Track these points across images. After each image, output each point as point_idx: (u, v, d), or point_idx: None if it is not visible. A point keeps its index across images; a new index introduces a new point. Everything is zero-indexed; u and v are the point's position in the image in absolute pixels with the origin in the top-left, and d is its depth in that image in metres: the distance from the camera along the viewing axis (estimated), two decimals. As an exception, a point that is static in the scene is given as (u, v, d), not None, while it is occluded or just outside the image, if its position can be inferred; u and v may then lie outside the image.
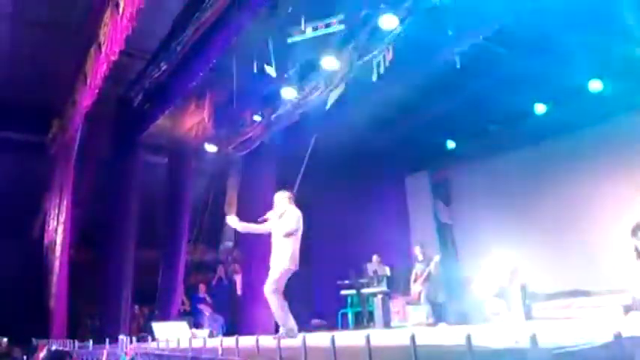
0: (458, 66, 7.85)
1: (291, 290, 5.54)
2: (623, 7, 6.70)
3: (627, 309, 6.76)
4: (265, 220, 5.59)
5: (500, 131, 10.21)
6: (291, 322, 5.19)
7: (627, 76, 8.06)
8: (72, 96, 9.56)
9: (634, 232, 6.49)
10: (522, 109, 9.59)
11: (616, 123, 8.58)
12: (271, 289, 5.27)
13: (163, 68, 8.90)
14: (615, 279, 7.82)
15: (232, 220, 5.72)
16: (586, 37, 7.18)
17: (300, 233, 5.53)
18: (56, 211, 10.06)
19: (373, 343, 2.40)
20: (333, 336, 2.61)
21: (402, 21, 6.96)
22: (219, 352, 3.43)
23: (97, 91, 8.15)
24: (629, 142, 8.43)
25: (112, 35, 7.06)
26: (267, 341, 3.71)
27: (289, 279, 5.47)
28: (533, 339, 1.89)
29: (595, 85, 8.65)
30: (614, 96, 8.42)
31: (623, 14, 6.78)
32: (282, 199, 5.62)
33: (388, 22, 6.99)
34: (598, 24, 6.97)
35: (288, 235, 5.38)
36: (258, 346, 3.15)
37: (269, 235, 5.65)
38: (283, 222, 5.47)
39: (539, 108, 9.46)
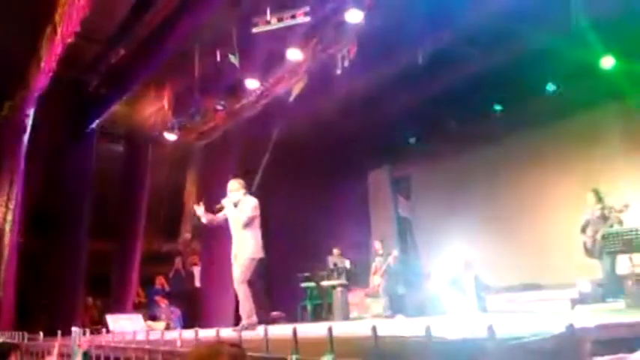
0: (420, 62, 7.98)
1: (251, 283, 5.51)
2: (578, 13, 6.95)
3: (574, 303, 7.06)
4: (221, 209, 5.54)
5: (459, 129, 10.45)
6: (254, 316, 5.18)
7: (581, 79, 8.40)
8: (24, 78, 9.13)
9: (583, 230, 6.78)
10: (481, 107, 9.83)
11: (569, 123, 8.93)
12: (240, 280, 5.26)
13: (122, 53, 8.62)
14: (564, 274, 8.15)
15: (200, 210, 5.60)
16: (544, 40, 7.42)
17: (258, 221, 5.51)
18: (5, 198, 9.61)
19: (334, 334, 2.41)
20: (294, 327, 2.61)
21: (367, 15, 7.00)
22: (178, 343, 3.37)
23: (51, 74, 7.82)
24: (580, 142, 8.82)
25: (68, 17, 6.78)
26: (227, 334, 3.68)
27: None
28: (491, 329, 1.94)
29: (551, 86, 8.96)
30: (568, 97, 8.75)
31: (577, 20, 7.03)
32: (236, 188, 5.56)
33: (353, 16, 7.01)
34: (555, 28, 7.21)
35: (246, 225, 5.35)
36: (219, 339, 3.12)
37: (228, 227, 5.59)
38: (240, 211, 5.42)
39: (498, 107, 9.73)
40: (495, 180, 9.97)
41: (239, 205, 5.46)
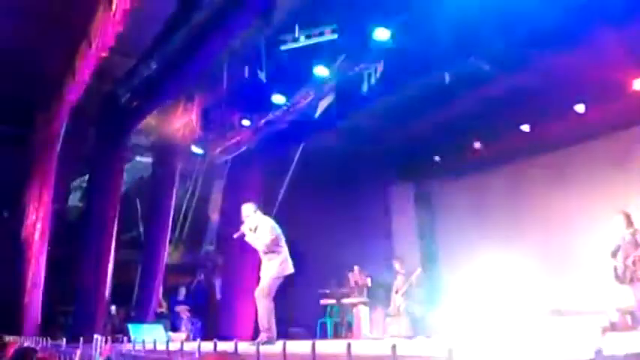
0: (447, 81, 7.96)
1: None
2: (605, 33, 6.85)
3: (604, 330, 6.83)
4: (242, 236, 5.61)
5: (485, 147, 10.33)
6: (274, 329, 5.20)
7: (610, 100, 8.24)
8: (58, 90, 9.43)
9: (614, 254, 6.58)
10: (508, 126, 9.71)
11: (598, 144, 8.74)
12: (261, 295, 5.36)
13: (153, 67, 8.82)
14: (593, 300, 7.91)
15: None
16: (571, 59, 7.33)
17: (281, 239, 5.55)
18: (35, 206, 9.87)
19: (353, 352, 2.39)
20: (313, 343, 2.59)
21: (394, 34, 7.03)
22: (196, 355, 3.39)
23: (84, 86, 8.06)
24: (610, 163, 8.60)
25: (103, 31, 6.99)
26: (245, 347, 3.67)
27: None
28: (516, 351, 1.89)
29: (579, 107, 8.81)
30: (596, 118, 8.58)
31: (605, 39, 6.93)
32: (250, 212, 5.65)
33: (381, 34, 7.06)
34: (583, 49, 7.12)
35: (268, 249, 5.44)
36: (236, 351, 3.12)
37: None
38: (259, 236, 5.51)
39: (525, 126, 9.59)
40: (520, 201, 9.77)
41: (257, 230, 5.54)
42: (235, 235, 5.66)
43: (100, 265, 9.70)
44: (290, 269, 5.52)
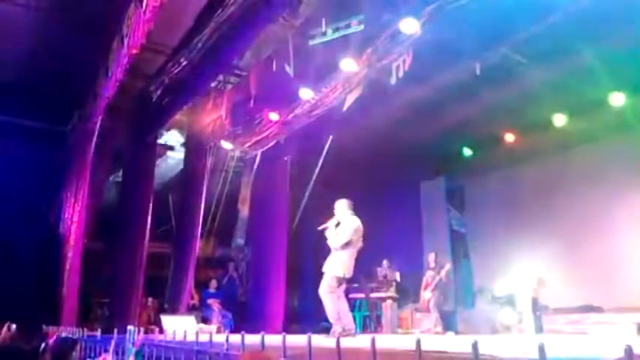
0: (478, 73, 7.80)
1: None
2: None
3: (640, 328, 6.63)
4: (325, 229, 5.65)
5: (517, 141, 10.11)
6: (349, 323, 5.37)
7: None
8: (93, 88, 9.68)
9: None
10: (541, 119, 9.47)
11: (635, 137, 8.43)
12: (325, 291, 5.45)
13: (183, 64, 8.96)
14: (629, 296, 7.67)
15: None
16: (607, 50, 7.08)
17: (357, 243, 5.60)
18: (72, 200, 10.18)
19: (378, 346, 2.39)
20: (338, 337, 2.60)
21: (422, 25, 6.92)
22: (225, 346, 3.44)
23: (117, 84, 8.24)
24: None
25: (135, 29, 7.12)
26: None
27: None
28: (542, 349, 1.86)
29: (616, 98, 8.51)
30: (634, 109, 8.28)
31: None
32: (342, 208, 5.70)
33: (409, 25, 6.95)
34: (620, 38, 6.87)
35: (343, 247, 5.48)
36: (263, 343, 3.16)
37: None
38: (338, 233, 5.56)
39: (559, 119, 9.34)
40: (554, 195, 9.51)
41: (340, 226, 5.59)
42: (320, 227, 5.70)
43: (135, 258, 9.96)
44: (350, 272, 5.57)
